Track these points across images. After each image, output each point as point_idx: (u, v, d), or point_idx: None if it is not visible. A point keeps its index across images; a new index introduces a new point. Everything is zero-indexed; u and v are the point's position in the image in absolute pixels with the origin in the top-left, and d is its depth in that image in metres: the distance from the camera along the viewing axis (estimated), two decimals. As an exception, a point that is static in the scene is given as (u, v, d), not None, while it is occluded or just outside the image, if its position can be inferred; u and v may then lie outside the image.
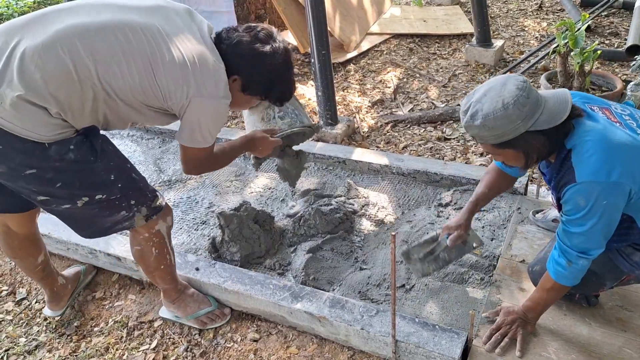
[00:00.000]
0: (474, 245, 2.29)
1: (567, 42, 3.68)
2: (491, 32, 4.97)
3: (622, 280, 1.97)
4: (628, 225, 1.78)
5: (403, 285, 2.44)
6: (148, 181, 2.08)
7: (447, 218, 2.79)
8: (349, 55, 5.07)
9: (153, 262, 2.16)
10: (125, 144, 3.97)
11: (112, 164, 1.89)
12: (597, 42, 4.58)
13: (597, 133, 1.65)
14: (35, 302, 2.69)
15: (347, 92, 4.49)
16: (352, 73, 4.84)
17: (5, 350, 2.41)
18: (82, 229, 2.00)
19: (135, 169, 2.00)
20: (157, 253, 2.14)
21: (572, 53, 3.71)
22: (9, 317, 2.60)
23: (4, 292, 2.76)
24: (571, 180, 1.66)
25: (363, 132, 3.90)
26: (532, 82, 4.36)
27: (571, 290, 1.93)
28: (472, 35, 5.20)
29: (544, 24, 5.70)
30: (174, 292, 2.35)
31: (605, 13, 5.65)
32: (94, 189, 1.85)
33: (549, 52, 4.49)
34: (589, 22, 5.12)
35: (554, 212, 2.53)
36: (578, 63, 3.68)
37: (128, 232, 2.09)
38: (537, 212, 2.63)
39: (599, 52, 3.77)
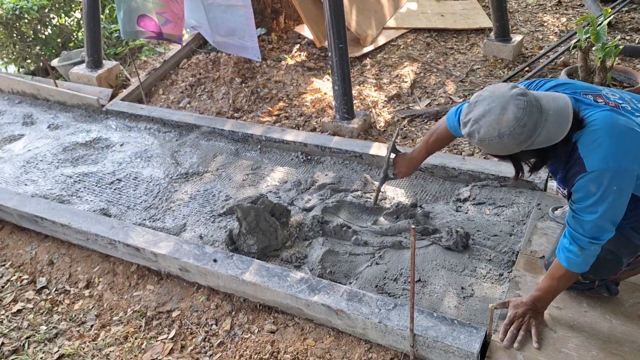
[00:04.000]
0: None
1: (589, 37, 3.62)
2: (510, 27, 4.91)
3: (637, 257, 2.01)
4: (636, 205, 1.81)
5: (419, 280, 2.43)
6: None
7: (467, 213, 2.78)
8: (366, 50, 5.05)
9: None
10: (143, 136, 3.99)
11: None
12: (618, 37, 4.51)
13: (602, 121, 1.68)
14: (55, 291, 2.72)
15: (364, 86, 4.47)
16: (368, 67, 4.81)
17: (27, 338, 2.45)
18: None
19: None
20: None
21: (593, 48, 3.66)
22: (30, 306, 2.64)
23: (25, 281, 2.80)
24: (581, 170, 1.69)
25: (379, 127, 3.89)
26: (552, 77, 4.31)
27: (591, 276, 1.95)
28: (490, 30, 5.14)
29: (564, 19, 5.63)
30: None
31: (626, 9, 5.57)
32: None
33: (569, 47, 4.43)
34: (610, 18, 5.04)
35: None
36: (599, 58, 3.62)
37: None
38: (556, 208, 2.61)
39: (620, 47, 3.72)
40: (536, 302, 2.00)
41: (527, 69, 4.43)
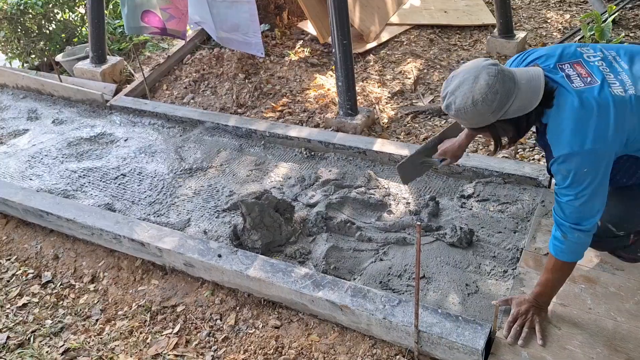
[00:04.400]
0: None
1: (593, 34, 3.62)
2: (513, 23, 4.90)
3: None
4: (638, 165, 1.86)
5: (424, 276, 2.44)
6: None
7: (471, 210, 2.79)
8: (369, 46, 5.04)
9: None
10: (147, 132, 4.00)
11: None
12: (622, 34, 4.51)
13: (566, 104, 1.71)
14: (60, 285, 2.73)
15: (367, 82, 4.47)
16: (371, 64, 4.81)
17: (32, 332, 2.46)
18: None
19: None
20: None
21: (597, 45, 3.66)
22: (35, 300, 2.65)
23: (30, 275, 2.81)
24: (550, 156, 1.75)
25: (383, 123, 3.89)
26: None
27: (625, 226, 2.00)
28: (493, 26, 5.13)
29: (567, 16, 5.61)
30: None
31: (629, 5, 5.56)
32: None
33: (572, 45, 4.43)
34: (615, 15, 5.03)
35: None
36: (603, 55, 3.62)
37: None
38: None
39: (625, 44, 3.72)
40: (537, 298, 2.02)
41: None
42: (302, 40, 5.26)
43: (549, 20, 5.53)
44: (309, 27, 5.24)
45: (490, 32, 5.06)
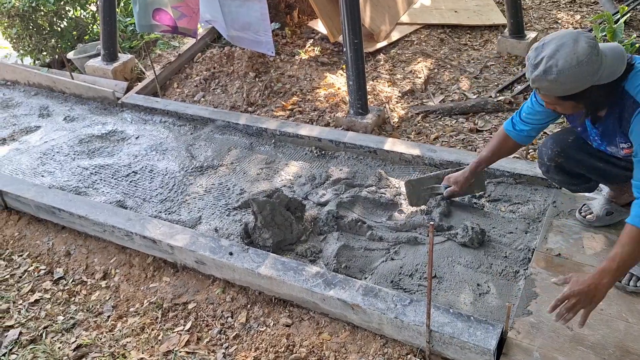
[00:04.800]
0: (476, 190, 2.70)
1: (605, 34, 3.60)
2: (524, 23, 4.88)
3: None
4: None
5: (435, 276, 2.44)
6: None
7: (482, 210, 2.78)
8: (379, 45, 5.04)
9: None
10: (158, 130, 4.01)
11: None
12: (634, 35, 4.48)
13: None
14: (72, 282, 2.75)
15: (377, 82, 4.47)
16: (382, 63, 4.80)
17: (44, 328, 2.48)
18: None
19: None
20: None
21: (609, 46, 3.64)
22: (47, 296, 2.67)
23: (42, 272, 2.83)
24: (634, 107, 1.79)
25: (393, 123, 3.89)
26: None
27: None
28: (504, 26, 5.12)
29: (578, 17, 5.59)
30: None
31: (641, 6, 5.52)
32: None
33: (584, 45, 4.41)
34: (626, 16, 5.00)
35: (596, 205, 2.49)
36: (616, 56, 3.60)
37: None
38: (585, 212, 2.57)
39: (637, 45, 3.69)
40: (601, 274, 1.82)
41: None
42: (312, 39, 5.26)
43: (559, 21, 5.51)
44: (319, 26, 5.24)
45: (500, 32, 5.04)
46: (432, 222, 1.79)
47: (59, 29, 5.41)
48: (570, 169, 2.33)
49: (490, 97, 4.02)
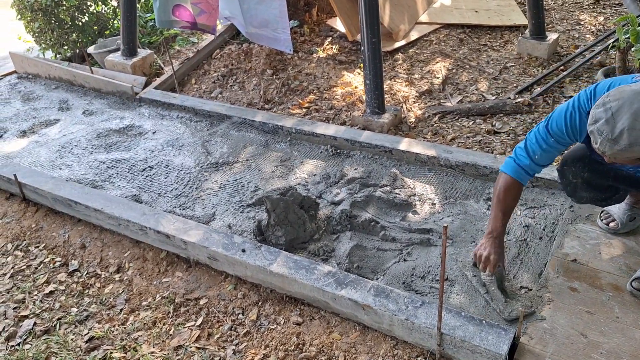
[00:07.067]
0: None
1: (628, 37, 3.53)
2: (545, 24, 4.82)
3: None
4: None
5: (447, 278, 2.42)
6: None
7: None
8: (397, 45, 5.01)
9: None
10: (175, 125, 4.04)
11: None
12: (658, 38, 4.39)
13: None
14: (87, 274, 2.78)
15: (395, 81, 4.44)
16: (399, 62, 4.78)
17: (58, 319, 2.51)
18: None
19: None
20: None
21: (632, 49, 3.56)
22: (62, 288, 2.70)
23: (58, 263, 2.86)
24: None
25: (410, 123, 3.86)
26: (587, 77, 4.22)
27: None
28: (524, 27, 5.05)
29: (601, 19, 5.50)
30: None
31: (667, 8, 5.40)
32: None
33: (606, 47, 4.33)
34: (651, 17, 4.90)
35: (616, 211, 2.44)
36: (639, 59, 3.53)
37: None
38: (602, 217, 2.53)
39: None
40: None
41: (562, 68, 4.35)
42: (330, 37, 5.25)
43: (582, 22, 5.42)
44: (337, 24, 5.23)
45: (521, 33, 4.98)
46: (445, 225, 1.77)
47: (80, 23, 5.47)
48: (598, 182, 2.24)
49: (509, 98, 3.97)
